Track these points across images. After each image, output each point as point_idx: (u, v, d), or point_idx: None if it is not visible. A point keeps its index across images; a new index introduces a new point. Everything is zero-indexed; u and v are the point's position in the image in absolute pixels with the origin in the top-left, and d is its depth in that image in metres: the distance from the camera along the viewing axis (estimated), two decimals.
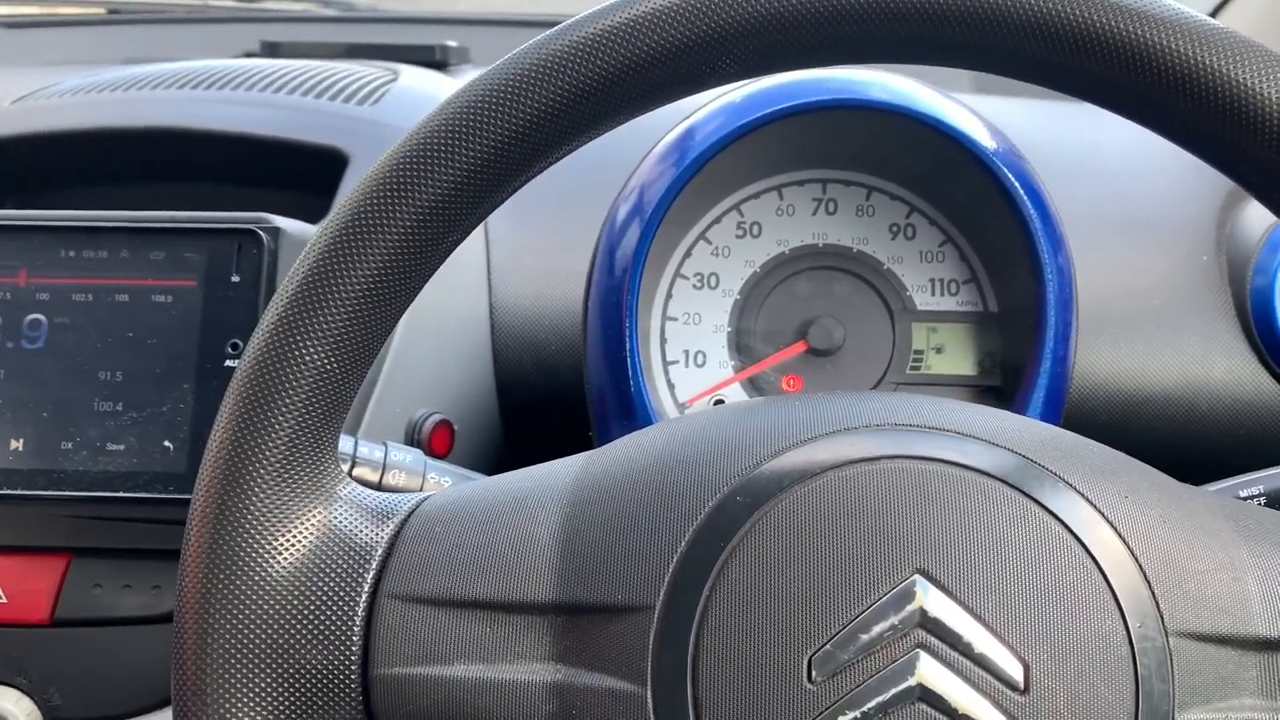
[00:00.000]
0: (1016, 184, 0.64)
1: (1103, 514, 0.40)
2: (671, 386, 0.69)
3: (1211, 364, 0.75)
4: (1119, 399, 0.75)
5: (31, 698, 0.66)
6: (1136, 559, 0.39)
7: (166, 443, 0.62)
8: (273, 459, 0.41)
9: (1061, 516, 0.39)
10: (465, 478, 0.59)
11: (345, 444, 0.57)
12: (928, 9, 0.40)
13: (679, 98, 0.43)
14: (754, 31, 0.40)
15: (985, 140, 0.65)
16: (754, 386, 0.70)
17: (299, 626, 0.41)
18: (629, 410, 0.65)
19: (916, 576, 0.38)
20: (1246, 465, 0.59)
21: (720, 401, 0.69)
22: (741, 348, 0.70)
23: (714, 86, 0.43)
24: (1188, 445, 0.76)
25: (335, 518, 0.43)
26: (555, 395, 0.78)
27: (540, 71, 0.41)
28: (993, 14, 0.39)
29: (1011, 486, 0.39)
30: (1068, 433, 0.44)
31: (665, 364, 0.69)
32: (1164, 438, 0.75)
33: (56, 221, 0.64)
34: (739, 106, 0.66)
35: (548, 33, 0.41)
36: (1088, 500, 0.40)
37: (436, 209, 0.41)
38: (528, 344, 0.79)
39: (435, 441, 0.71)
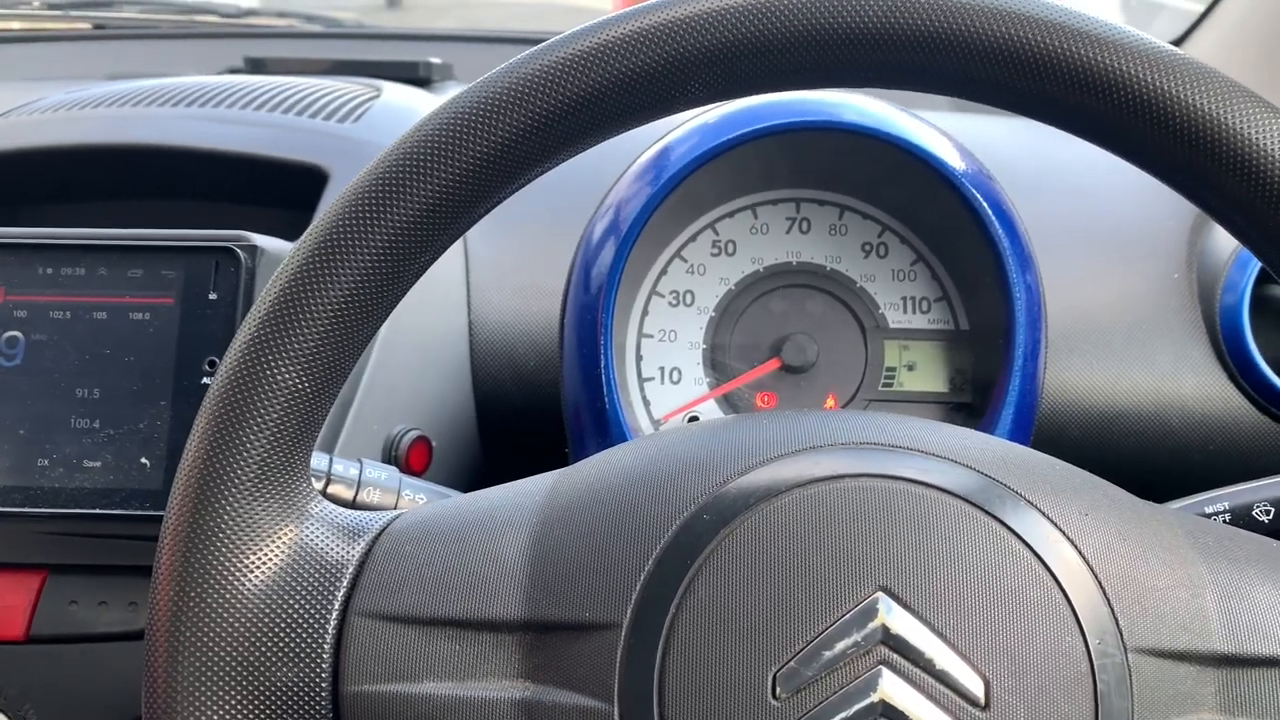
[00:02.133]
0: (985, 205, 0.65)
1: (1063, 531, 0.40)
2: (647, 403, 0.70)
3: (1182, 381, 0.76)
4: (1091, 415, 0.76)
5: (7, 714, 0.66)
6: (1096, 576, 0.40)
7: (143, 460, 0.62)
8: (245, 477, 0.42)
9: (1022, 534, 0.40)
10: (440, 495, 0.60)
11: (320, 461, 0.58)
12: (894, 35, 0.40)
13: (650, 120, 0.43)
14: (723, 57, 0.41)
15: (955, 162, 0.65)
16: (728, 403, 0.70)
17: (269, 644, 0.41)
18: (604, 427, 0.66)
19: (879, 594, 0.38)
20: (1217, 481, 0.60)
21: (695, 418, 0.70)
22: (716, 364, 0.71)
23: (684, 110, 0.43)
24: (1159, 461, 0.76)
25: (306, 536, 0.43)
26: (534, 411, 0.79)
27: (515, 93, 0.41)
28: (958, 40, 0.40)
29: (973, 504, 0.40)
30: (1030, 450, 0.45)
31: (641, 381, 0.70)
32: (1135, 454, 0.76)
33: (34, 239, 0.64)
34: (714, 127, 0.66)
35: (523, 54, 0.42)
36: (1048, 518, 0.40)
37: (409, 228, 0.42)
38: (506, 360, 0.79)
39: (413, 458, 0.71)
